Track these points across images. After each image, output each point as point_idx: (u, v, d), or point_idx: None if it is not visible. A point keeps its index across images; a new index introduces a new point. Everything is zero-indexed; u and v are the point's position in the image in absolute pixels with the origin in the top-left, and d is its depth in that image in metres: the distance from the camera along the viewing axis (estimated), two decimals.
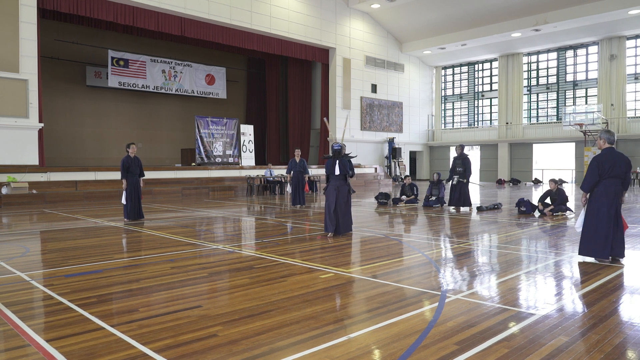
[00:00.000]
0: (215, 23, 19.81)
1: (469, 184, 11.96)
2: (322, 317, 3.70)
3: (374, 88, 26.53)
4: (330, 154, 8.12)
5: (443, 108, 30.93)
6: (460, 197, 11.70)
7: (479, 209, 11.68)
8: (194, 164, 20.36)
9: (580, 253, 5.77)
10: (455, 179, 11.76)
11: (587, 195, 5.73)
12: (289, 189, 13.25)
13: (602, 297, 4.25)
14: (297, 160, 13.13)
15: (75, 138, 21.55)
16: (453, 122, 30.61)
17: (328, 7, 23.80)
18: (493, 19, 23.75)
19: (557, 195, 10.64)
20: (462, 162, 11.80)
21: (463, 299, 4.16)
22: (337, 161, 7.79)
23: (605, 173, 5.52)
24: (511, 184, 25.34)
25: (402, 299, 4.18)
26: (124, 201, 10.04)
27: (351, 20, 24.92)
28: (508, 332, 3.34)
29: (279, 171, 20.03)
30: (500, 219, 10.17)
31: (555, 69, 26.10)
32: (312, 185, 20.35)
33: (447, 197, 12.96)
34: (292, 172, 13.00)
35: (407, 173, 27.21)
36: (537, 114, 27.07)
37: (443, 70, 30.75)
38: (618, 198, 5.55)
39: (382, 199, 13.61)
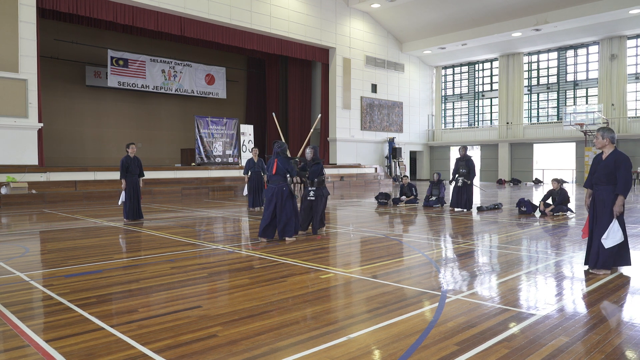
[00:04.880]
0: (215, 23, 19.79)
1: (472, 186, 11.93)
2: (322, 317, 3.69)
3: (374, 88, 26.52)
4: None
5: (443, 108, 30.92)
6: (468, 199, 11.66)
7: (479, 209, 11.66)
8: (193, 164, 20.35)
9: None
10: (460, 180, 11.71)
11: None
12: (245, 191, 12.35)
13: (602, 298, 4.24)
14: (255, 160, 12.41)
15: (74, 138, 21.53)
16: (453, 122, 30.59)
17: (328, 7, 23.79)
18: (493, 18, 23.74)
19: (558, 195, 10.63)
20: (466, 163, 11.77)
21: (463, 299, 4.16)
22: (275, 160, 7.31)
23: None
24: (511, 184, 25.33)
25: (402, 299, 4.18)
26: (120, 202, 10.04)
27: (351, 20, 24.91)
28: (508, 333, 3.34)
29: None
30: (501, 219, 10.16)
31: (556, 68, 26.08)
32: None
33: (447, 198, 12.96)
34: (249, 173, 12.32)
35: (407, 173, 27.21)
36: (538, 113, 27.05)
37: (443, 70, 30.73)
38: None
39: (382, 199, 13.60)
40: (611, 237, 5.00)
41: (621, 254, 5.13)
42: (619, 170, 5.04)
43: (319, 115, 10.10)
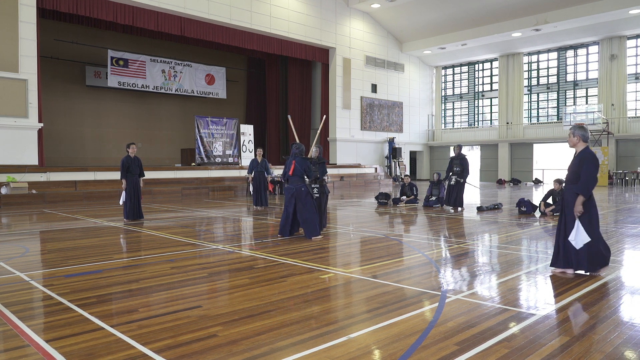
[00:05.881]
0: (215, 23, 19.80)
1: (465, 184, 11.93)
2: (322, 317, 3.70)
3: (374, 88, 26.52)
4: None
5: (443, 108, 30.92)
6: (457, 197, 11.69)
7: (479, 209, 11.67)
8: (193, 164, 20.35)
9: (594, 271, 4.96)
10: (454, 179, 11.73)
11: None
12: (251, 189, 12.77)
13: (602, 297, 4.24)
14: (259, 160, 12.81)
15: (74, 138, 21.53)
16: (453, 122, 30.60)
17: (328, 7, 23.79)
18: (493, 18, 23.74)
19: (559, 196, 10.62)
20: (460, 162, 11.79)
21: (463, 299, 4.16)
22: (293, 161, 7.54)
23: None
24: (511, 184, 25.33)
25: (402, 299, 4.18)
26: (121, 202, 10.04)
27: (351, 20, 24.91)
28: (508, 333, 3.34)
29: (279, 171, 20.01)
30: (501, 219, 10.16)
31: (556, 68, 26.08)
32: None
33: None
34: (253, 173, 12.72)
35: (407, 173, 27.20)
36: (538, 113, 27.06)
37: (443, 70, 30.73)
38: None
39: (382, 199, 13.60)
40: (578, 238, 4.85)
41: (603, 255, 4.95)
42: (581, 168, 4.82)
43: (324, 117, 10.42)
